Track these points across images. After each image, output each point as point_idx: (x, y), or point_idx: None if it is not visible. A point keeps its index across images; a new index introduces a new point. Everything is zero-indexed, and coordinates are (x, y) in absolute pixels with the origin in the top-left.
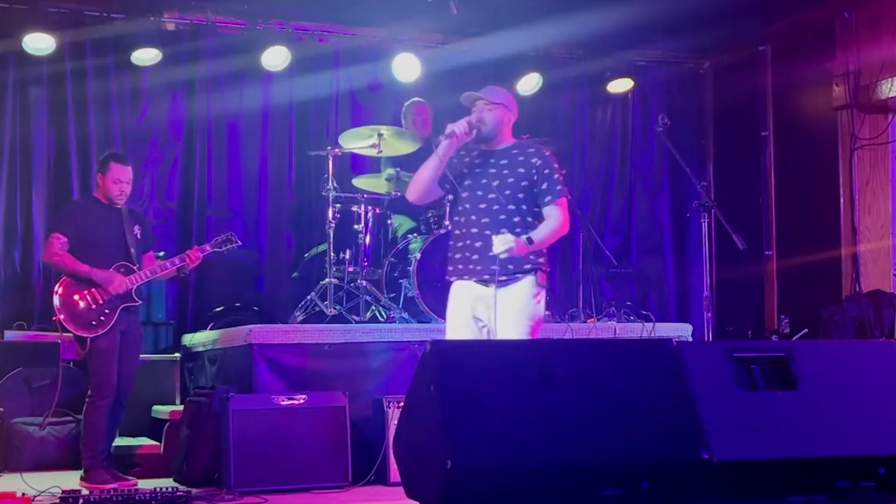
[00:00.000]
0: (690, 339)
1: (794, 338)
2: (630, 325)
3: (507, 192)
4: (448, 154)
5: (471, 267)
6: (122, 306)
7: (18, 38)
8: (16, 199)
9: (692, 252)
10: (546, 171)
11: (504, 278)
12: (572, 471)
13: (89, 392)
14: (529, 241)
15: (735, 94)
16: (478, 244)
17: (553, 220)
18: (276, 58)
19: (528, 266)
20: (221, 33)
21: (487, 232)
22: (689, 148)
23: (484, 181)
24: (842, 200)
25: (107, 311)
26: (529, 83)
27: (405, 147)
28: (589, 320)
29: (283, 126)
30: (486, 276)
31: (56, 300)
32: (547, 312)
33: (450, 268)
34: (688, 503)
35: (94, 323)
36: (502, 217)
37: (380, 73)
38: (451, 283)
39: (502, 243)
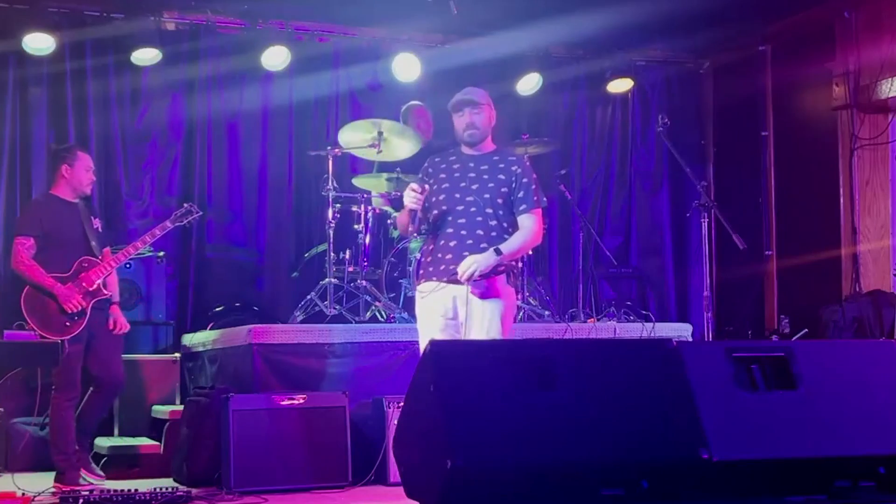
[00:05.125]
0: (690, 339)
1: (794, 338)
2: (630, 325)
3: (487, 195)
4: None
5: (442, 268)
6: (93, 302)
7: (18, 38)
8: (16, 199)
9: (692, 252)
10: (524, 180)
11: (477, 278)
12: (572, 471)
13: (53, 393)
14: (498, 252)
15: (735, 94)
16: (452, 243)
17: (525, 230)
18: (276, 58)
19: (501, 267)
20: (221, 33)
21: (463, 232)
22: (689, 148)
23: (463, 184)
24: (842, 200)
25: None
26: (529, 83)
27: (405, 148)
28: (589, 320)
29: (283, 126)
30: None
31: (24, 307)
32: (547, 312)
33: (421, 271)
34: (688, 503)
35: (67, 324)
36: (479, 219)
37: (380, 73)
38: (418, 286)
39: (467, 265)
